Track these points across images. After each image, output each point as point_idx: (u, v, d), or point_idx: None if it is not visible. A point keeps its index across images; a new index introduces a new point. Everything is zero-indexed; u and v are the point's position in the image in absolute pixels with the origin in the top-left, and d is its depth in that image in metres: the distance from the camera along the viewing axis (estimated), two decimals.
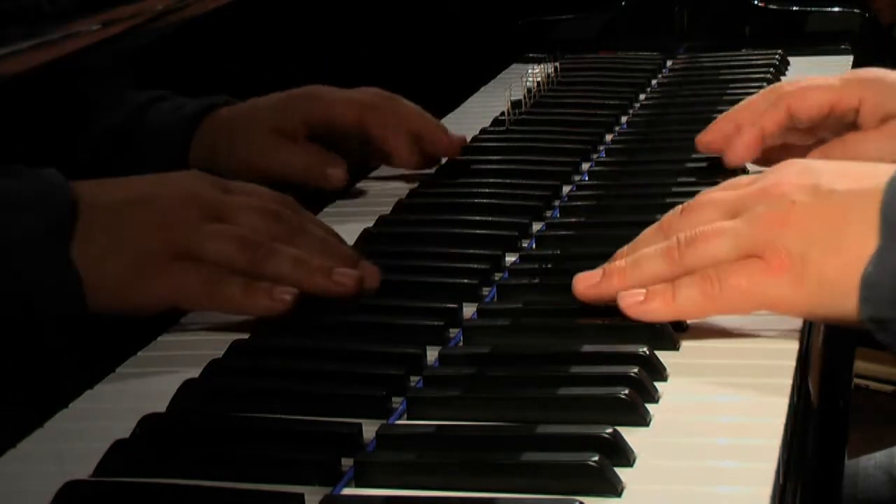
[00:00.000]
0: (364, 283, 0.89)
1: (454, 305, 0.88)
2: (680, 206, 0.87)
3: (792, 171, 0.84)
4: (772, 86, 1.13)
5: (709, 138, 1.14)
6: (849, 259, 0.78)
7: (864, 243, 0.78)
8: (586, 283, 0.85)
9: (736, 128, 1.11)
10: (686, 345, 0.82)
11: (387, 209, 1.11)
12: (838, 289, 0.78)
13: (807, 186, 0.81)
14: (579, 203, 1.11)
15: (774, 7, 1.80)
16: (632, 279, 0.83)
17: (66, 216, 0.82)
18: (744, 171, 1.13)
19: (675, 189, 1.10)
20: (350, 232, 1.05)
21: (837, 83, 1.08)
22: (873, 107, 1.07)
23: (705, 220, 0.84)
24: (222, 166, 1.09)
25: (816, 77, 1.12)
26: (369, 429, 0.72)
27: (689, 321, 0.84)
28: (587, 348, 0.79)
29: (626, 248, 0.87)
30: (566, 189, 1.15)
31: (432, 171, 1.22)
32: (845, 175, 0.82)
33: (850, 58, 1.67)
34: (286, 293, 0.86)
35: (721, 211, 0.84)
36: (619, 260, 0.86)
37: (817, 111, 1.09)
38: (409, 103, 1.19)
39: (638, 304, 0.82)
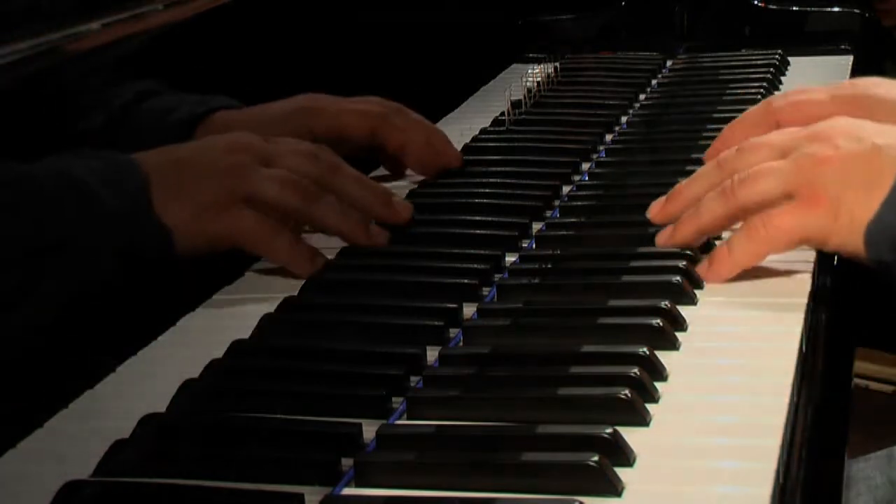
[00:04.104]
0: (400, 220, 1.04)
1: (454, 305, 0.88)
2: (736, 147, 0.97)
3: (840, 122, 0.93)
4: (764, 101, 1.12)
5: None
6: (874, 206, 0.87)
7: (884, 194, 0.86)
8: (664, 239, 0.97)
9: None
10: (686, 345, 0.82)
11: None
12: (861, 230, 0.87)
13: (851, 135, 0.90)
14: (579, 203, 1.11)
15: (774, 7, 1.80)
16: (696, 223, 0.95)
17: (142, 185, 0.92)
18: None
19: None
20: None
21: (826, 98, 1.07)
22: None
23: (758, 160, 0.93)
24: None
25: (807, 90, 1.11)
26: (369, 429, 0.72)
27: (699, 317, 0.84)
28: (587, 348, 0.79)
29: (683, 183, 1.00)
30: (566, 189, 1.15)
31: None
32: (885, 133, 0.91)
33: (850, 58, 1.67)
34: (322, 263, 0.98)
35: (773, 152, 0.94)
36: (680, 196, 0.98)
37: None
38: (415, 114, 1.19)
39: (707, 270, 0.92)
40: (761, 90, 1.44)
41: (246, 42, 1.20)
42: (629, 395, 0.72)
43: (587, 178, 1.19)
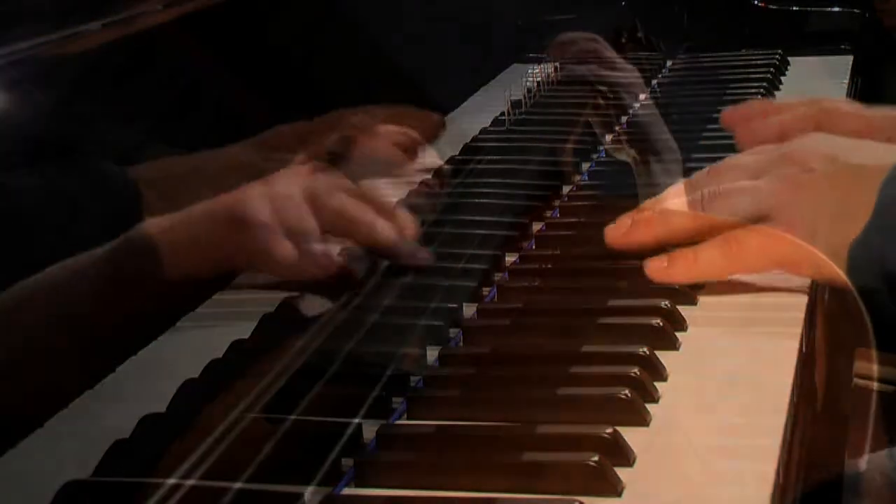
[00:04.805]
0: (403, 235, 0.95)
1: (454, 305, 0.88)
2: (708, 167, 0.93)
3: (815, 141, 0.90)
4: (814, 99, 1.07)
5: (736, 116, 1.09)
6: (852, 230, 0.82)
7: (865, 217, 0.82)
8: (616, 233, 0.92)
9: (764, 115, 1.06)
10: (686, 344, 0.82)
11: None
12: (840, 255, 0.83)
13: (826, 156, 0.86)
14: (579, 203, 1.11)
15: (774, 7, 1.80)
16: (658, 229, 0.90)
17: (132, 200, 0.88)
18: None
19: None
20: None
21: (875, 116, 1.02)
22: None
23: (729, 180, 0.89)
24: None
25: (861, 106, 1.06)
26: (369, 429, 0.72)
27: (699, 317, 0.84)
28: (587, 348, 0.79)
29: (652, 199, 0.93)
30: (566, 189, 1.15)
31: (432, 171, 1.21)
32: (861, 151, 0.87)
33: (850, 58, 1.67)
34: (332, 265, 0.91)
35: (746, 173, 0.89)
36: (646, 211, 0.91)
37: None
38: (370, 116, 1.17)
39: (663, 269, 0.87)
40: (761, 90, 1.44)
41: (246, 41, 1.20)
42: (629, 395, 0.72)
43: (587, 178, 1.19)
